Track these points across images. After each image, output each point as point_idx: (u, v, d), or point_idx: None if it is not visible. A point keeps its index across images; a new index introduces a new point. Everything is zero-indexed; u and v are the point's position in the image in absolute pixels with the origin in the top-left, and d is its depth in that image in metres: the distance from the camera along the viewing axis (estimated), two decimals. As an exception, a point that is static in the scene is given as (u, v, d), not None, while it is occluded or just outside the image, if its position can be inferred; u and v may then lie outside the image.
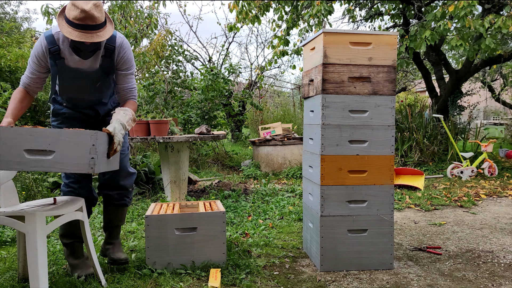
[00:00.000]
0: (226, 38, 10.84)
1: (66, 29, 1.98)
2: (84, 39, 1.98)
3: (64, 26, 1.99)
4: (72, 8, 1.96)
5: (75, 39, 1.96)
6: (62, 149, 1.78)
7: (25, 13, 27.47)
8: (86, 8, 1.95)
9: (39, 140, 1.77)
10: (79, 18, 1.95)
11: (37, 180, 4.13)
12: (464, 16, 4.94)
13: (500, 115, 16.85)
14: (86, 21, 1.96)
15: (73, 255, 2.35)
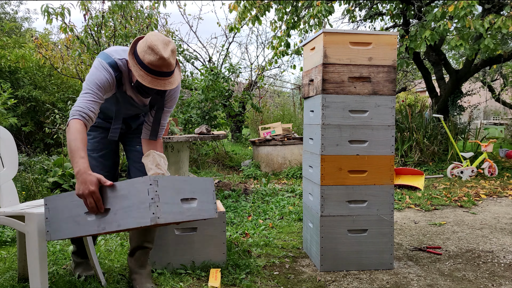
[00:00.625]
0: (226, 38, 10.85)
1: (139, 72, 1.81)
2: (157, 86, 1.83)
3: (136, 68, 1.82)
4: (149, 52, 1.78)
5: (148, 85, 1.82)
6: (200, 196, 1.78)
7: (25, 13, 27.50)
8: (165, 56, 1.79)
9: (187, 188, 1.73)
10: (155, 64, 1.79)
11: (37, 180, 4.13)
12: (464, 16, 4.94)
13: (500, 115, 16.85)
14: (162, 68, 1.81)
15: (79, 254, 2.35)
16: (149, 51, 1.79)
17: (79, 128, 1.75)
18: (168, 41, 1.84)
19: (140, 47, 1.82)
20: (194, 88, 7.34)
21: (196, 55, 10.16)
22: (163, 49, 1.80)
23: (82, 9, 5.48)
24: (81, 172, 1.63)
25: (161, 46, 1.80)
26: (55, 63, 6.10)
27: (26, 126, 6.66)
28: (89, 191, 1.60)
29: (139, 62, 1.82)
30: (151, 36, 1.82)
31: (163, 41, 1.82)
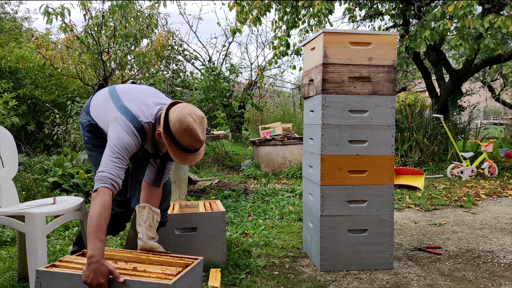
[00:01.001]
0: (226, 38, 10.85)
1: (173, 150, 1.81)
2: (188, 162, 1.86)
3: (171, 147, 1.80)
4: (186, 134, 1.77)
5: (181, 163, 1.84)
6: None
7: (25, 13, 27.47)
8: (202, 139, 1.81)
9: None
10: (192, 146, 1.81)
11: (37, 180, 4.13)
12: (463, 16, 4.94)
13: (500, 115, 16.85)
14: (196, 147, 1.84)
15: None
16: (186, 134, 1.77)
17: (107, 203, 1.67)
18: (201, 119, 1.82)
19: (174, 126, 1.77)
20: (194, 88, 7.34)
21: (196, 55, 10.17)
22: (201, 133, 1.81)
23: (82, 9, 5.49)
24: (95, 259, 1.54)
25: (199, 130, 1.79)
26: (55, 63, 6.10)
27: (30, 125, 6.67)
28: (98, 283, 1.52)
29: (174, 142, 1.79)
30: (187, 116, 1.77)
31: (199, 119, 1.81)
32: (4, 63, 6.75)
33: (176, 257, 1.78)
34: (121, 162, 1.76)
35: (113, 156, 1.75)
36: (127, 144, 1.79)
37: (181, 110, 1.79)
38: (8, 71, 6.97)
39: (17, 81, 7.03)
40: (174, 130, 1.77)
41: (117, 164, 1.75)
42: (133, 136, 1.82)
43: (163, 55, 6.70)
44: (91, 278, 1.52)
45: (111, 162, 1.74)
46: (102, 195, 1.67)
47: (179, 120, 1.76)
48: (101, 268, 1.52)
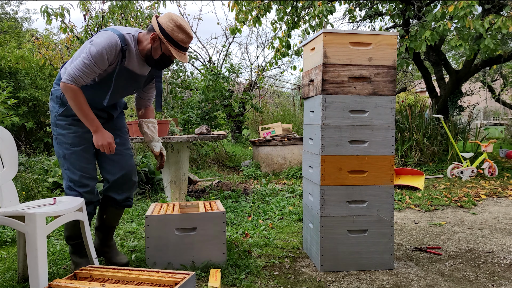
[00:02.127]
0: (226, 38, 10.84)
1: (174, 50, 2.13)
2: (182, 60, 2.18)
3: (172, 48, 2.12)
4: (178, 31, 2.11)
5: (184, 61, 2.20)
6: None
7: (25, 13, 27.48)
8: (191, 34, 2.16)
9: None
10: (185, 41, 2.15)
11: (37, 180, 4.13)
12: (464, 16, 4.94)
13: (500, 115, 16.85)
14: (187, 45, 2.17)
15: (77, 253, 2.37)
16: (178, 30, 2.11)
17: (80, 92, 2.10)
18: (187, 22, 2.18)
19: (167, 26, 2.10)
20: (194, 88, 7.34)
21: (196, 55, 10.16)
22: (189, 29, 2.16)
23: (82, 9, 5.49)
24: (98, 129, 2.18)
25: (187, 27, 2.14)
26: (55, 63, 6.10)
27: (28, 123, 6.67)
28: (107, 142, 2.18)
29: (169, 39, 2.10)
30: (175, 17, 2.12)
31: (185, 22, 2.16)
32: (4, 63, 6.75)
33: (166, 274, 1.78)
34: (87, 67, 2.05)
35: (84, 61, 2.05)
36: (104, 50, 2.05)
37: (169, 14, 2.14)
38: (8, 71, 6.97)
39: (17, 82, 7.03)
40: (168, 29, 2.10)
41: (83, 68, 2.05)
42: (114, 39, 2.07)
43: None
44: (101, 141, 2.17)
45: (79, 65, 2.06)
46: (74, 88, 2.07)
47: (170, 20, 2.11)
48: (104, 134, 2.19)
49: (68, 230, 2.36)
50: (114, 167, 2.40)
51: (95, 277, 1.81)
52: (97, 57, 2.05)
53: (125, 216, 3.66)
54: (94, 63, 2.06)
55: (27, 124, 6.63)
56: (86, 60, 2.05)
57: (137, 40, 2.19)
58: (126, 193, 2.47)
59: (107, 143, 2.17)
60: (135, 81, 2.30)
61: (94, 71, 2.08)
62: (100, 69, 2.10)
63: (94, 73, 2.09)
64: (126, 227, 3.36)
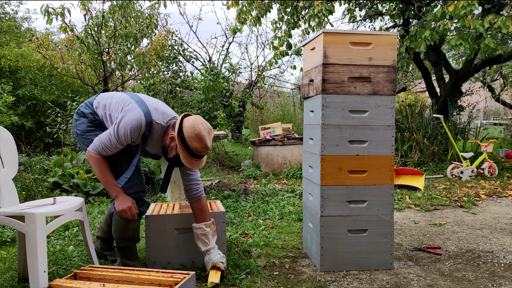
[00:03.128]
0: (226, 38, 10.85)
1: (183, 153, 2.11)
2: (194, 167, 2.16)
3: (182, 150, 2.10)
4: (196, 140, 2.09)
5: (189, 166, 2.14)
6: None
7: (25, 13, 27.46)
8: (209, 146, 2.13)
9: None
10: (200, 151, 2.12)
11: (37, 180, 4.13)
12: (464, 16, 4.94)
13: (500, 115, 16.85)
14: (203, 153, 2.15)
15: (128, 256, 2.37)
16: (196, 139, 2.09)
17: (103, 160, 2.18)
18: (210, 129, 2.17)
19: (187, 132, 2.09)
20: (194, 88, 7.33)
21: (196, 55, 10.16)
22: (208, 139, 2.13)
23: (83, 9, 5.48)
24: (119, 194, 2.20)
25: (207, 136, 2.12)
26: (55, 63, 6.10)
27: (27, 122, 6.67)
28: (128, 206, 2.18)
29: (185, 146, 2.10)
30: (199, 124, 2.11)
31: (208, 129, 2.14)
32: (4, 61, 6.75)
33: (166, 274, 1.78)
34: (112, 145, 2.14)
35: (111, 136, 2.13)
36: (130, 132, 2.11)
37: (194, 119, 2.14)
38: (8, 70, 6.97)
39: (17, 80, 7.03)
40: (186, 135, 2.09)
41: (108, 144, 2.14)
42: (141, 124, 2.12)
43: (163, 55, 6.69)
44: (122, 206, 2.17)
45: (105, 140, 2.15)
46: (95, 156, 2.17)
47: (192, 127, 2.09)
48: (125, 198, 2.20)
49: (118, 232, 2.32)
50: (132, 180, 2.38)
51: (95, 277, 1.81)
52: (121, 135, 2.13)
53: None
54: (118, 141, 2.15)
55: (26, 124, 6.63)
56: (111, 137, 2.14)
57: (164, 130, 2.22)
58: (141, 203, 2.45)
59: (127, 207, 2.18)
60: (151, 156, 2.41)
61: (117, 148, 2.18)
62: (123, 146, 2.19)
63: (117, 149, 2.19)
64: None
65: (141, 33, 6.03)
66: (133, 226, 2.31)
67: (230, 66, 7.45)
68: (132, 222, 2.30)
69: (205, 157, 2.21)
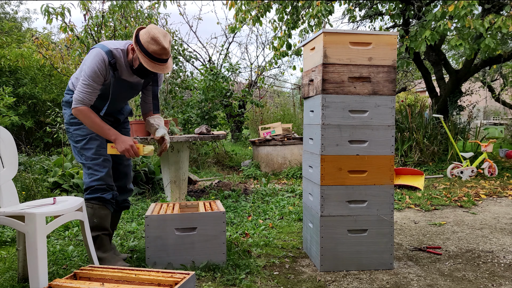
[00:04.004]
0: (226, 38, 10.84)
1: (143, 58, 2.22)
2: (159, 71, 2.27)
3: (141, 55, 2.22)
4: (151, 42, 2.20)
5: (152, 70, 2.24)
6: None
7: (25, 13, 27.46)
8: (165, 46, 2.22)
9: None
10: (158, 53, 2.22)
11: (37, 180, 4.13)
12: (464, 16, 4.94)
13: (500, 115, 16.85)
14: (162, 56, 2.24)
15: (101, 248, 2.39)
16: (152, 41, 2.20)
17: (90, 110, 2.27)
18: (166, 33, 2.26)
19: (143, 38, 2.22)
20: (194, 88, 7.33)
21: (196, 55, 10.16)
22: (164, 40, 2.22)
23: (83, 9, 5.48)
24: (118, 137, 2.30)
25: (162, 38, 2.22)
26: (55, 63, 6.09)
27: (27, 122, 6.68)
28: (130, 145, 2.28)
29: (143, 50, 2.22)
30: (153, 29, 2.23)
31: (163, 33, 2.24)
32: (4, 61, 6.75)
33: (166, 274, 1.78)
34: (88, 87, 2.25)
35: (84, 83, 2.25)
36: (96, 68, 2.24)
37: (149, 26, 2.27)
38: (8, 70, 6.97)
39: (17, 80, 7.03)
40: (143, 41, 2.22)
41: (86, 90, 2.25)
42: (101, 56, 2.25)
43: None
44: (123, 146, 2.27)
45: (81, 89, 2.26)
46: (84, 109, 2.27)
47: (146, 33, 2.22)
48: (125, 139, 2.30)
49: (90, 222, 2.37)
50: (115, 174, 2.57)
51: (95, 277, 1.81)
52: (92, 75, 2.25)
53: (125, 216, 3.66)
54: (92, 81, 2.26)
55: (26, 123, 6.63)
56: (84, 82, 2.26)
57: (125, 53, 2.35)
58: (123, 196, 2.64)
59: (129, 146, 2.28)
60: (131, 88, 2.48)
61: (95, 88, 2.28)
62: (99, 84, 2.29)
63: (96, 89, 2.29)
64: (126, 227, 3.36)
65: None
66: (99, 213, 2.36)
67: (230, 66, 7.45)
68: (98, 210, 2.36)
69: (170, 62, 2.32)
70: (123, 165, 2.61)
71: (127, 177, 2.64)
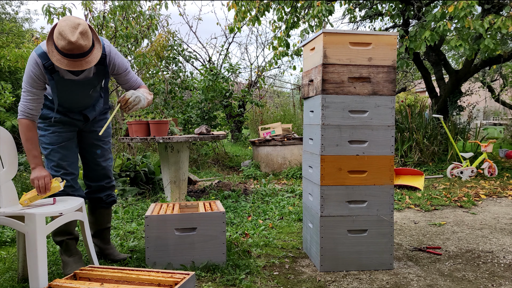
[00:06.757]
0: (226, 39, 10.85)
1: (56, 56, 2.01)
2: (73, 68, 2.02)
3: (54, 54, 2.01)
4: (59, 37, 1.97)
5: (65, 68, 2.01)
6: None
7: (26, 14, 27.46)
8: (72, 40, 1.95)
9: None
10: (67, 48, 1.97)
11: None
12: (463, 17, 4.94)
13: (499, 115, 16.85)
14: (74, 51, 1.98)
15: (67, 251, 2.37)
16: (60, 36, 1.96)
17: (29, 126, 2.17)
18: (77, 24, 1.98)
19: (55, 34, 1.99)
20: (193, 88, 7.34)
21: (195, 55, 10.16)
22: (71, 34, 1.95)
23: (85, 9, 5.48)
24: (37, 166, 2.17)
25: (68, 31, 1.95)
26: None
27: None
28: (41, 175, 2.13)
29: (56, 47, 2.00)
30: (61, 21, 2.00)
31: (72, 25, 1.97)
32: (3, 62, 6.75)
33: (166, 274, 1.78)
34: (27, 94, 2.15)
35: (23, 91, 2.16)
36: (29, 73, 2.12)
37: (59, 20, 2.03)
38: (7, 71, 6.97)
39: (17, 81, 7.03)
40: (54, 37, 1.99)
41: (24, 97, 2.15)
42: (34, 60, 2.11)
43: (163, 55, 6.69)
44: (34, 176, 2.13)
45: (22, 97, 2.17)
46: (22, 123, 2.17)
47: (56, 29, 1.99)
48: (42, 171, 2.16)
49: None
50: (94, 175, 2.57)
51: (94, 277, 1.81)
52: (28, 81, 2.13)
53: (125, 216, 3.66)
54: (31, 87, 2.14)
55: None
56: (24, 90, 2.15)
57: None
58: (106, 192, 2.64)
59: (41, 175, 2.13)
60: (82, 85, 2.28)
61: (35, 94, 2.16)
62: (39, 89, 2.16)
63: (37, 95, 2.16)
64: (126, 227, 3.36)
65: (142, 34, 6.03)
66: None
67: (229, 66, 7.45)
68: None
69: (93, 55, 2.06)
70: (101, 166, 2.55)
71: (107, 177, 2.60)
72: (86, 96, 2.35)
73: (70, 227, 2.34)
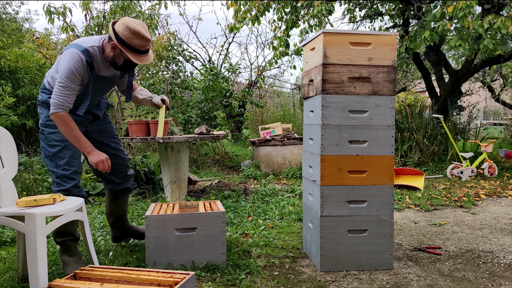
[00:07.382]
0: (226, 38, 10.85)
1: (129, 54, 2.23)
2: (146, 62, 2.30)
3: (131, 54, 2.23)
4: (133, 37, 2.21)
5: (142, 63, 2.28)
6: None
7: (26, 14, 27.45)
8: (148, 37, 2.25)
9: None
10: (143, 45, 2.25)
11: (37, 180, 4.13)
12: (463, 17, 4.94)
13: (500, 115, 16.85)
14: (147, 47, 2.28)
15: (67, 251, 2.37)
16: (134, 37, 2.21)
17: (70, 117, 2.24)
18: (142, 23, 2.26)
19: (123, 34, 2.20)
20: (194, 88, 7.34)
21: (195, 55, 10.16)
22: (145, 32, 2.24)
23: (84, 9, 5.49)
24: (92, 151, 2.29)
25: (143, 30, 2.22)
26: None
27: (28, 121, 6.69)
28: (105, 157, 2.30)
29: (127, 46, 2.21)
30: (130, 22, 2.21)
31: (141, 24, 2.24)
32: (3, 62, 6.75)
33: (166, 274, 1.78)
34: (67, 89, 2.20)
35: (60, 86, 2.19)
36: (74, 68, 2.19)
37: (123, 21, 2.23)
38: (7, 70, 6.97)
39: (17, 81, 7.03)
40: (124, 37, 2.20)
41: (64, 91, 2.20)
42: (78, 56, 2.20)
43: (163, 55, 6.70)
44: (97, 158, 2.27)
45: (59, 91, 2.19)
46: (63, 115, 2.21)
47: (125, 28, 2.20)
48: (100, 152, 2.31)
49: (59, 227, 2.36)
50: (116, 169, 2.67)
51: (95, 277, 1.81)
52: (69, 76, 2.19)
53: (125, 216, 3.66)
54: (70, 82, 2.20)
55: (28, 123, 6.63)
56: (62, 84, 2.20)
57: (101, 49, 2.33)
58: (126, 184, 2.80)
59: (105, 158, 2.30)
60: (109, 82, 2.49)
61: (73, 89, 2.23)
62: (77, 85, 2.25)
63: (74, 90, 2.24)
64: (126, 227, 3.36)
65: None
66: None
67: (230, 66, 7.45)
68: None
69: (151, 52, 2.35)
70: (120, 157, 2.66)
71: (127, 167, 2.74)
72: (104, 93, 2.54)
73: (71, 228, 2.33)
